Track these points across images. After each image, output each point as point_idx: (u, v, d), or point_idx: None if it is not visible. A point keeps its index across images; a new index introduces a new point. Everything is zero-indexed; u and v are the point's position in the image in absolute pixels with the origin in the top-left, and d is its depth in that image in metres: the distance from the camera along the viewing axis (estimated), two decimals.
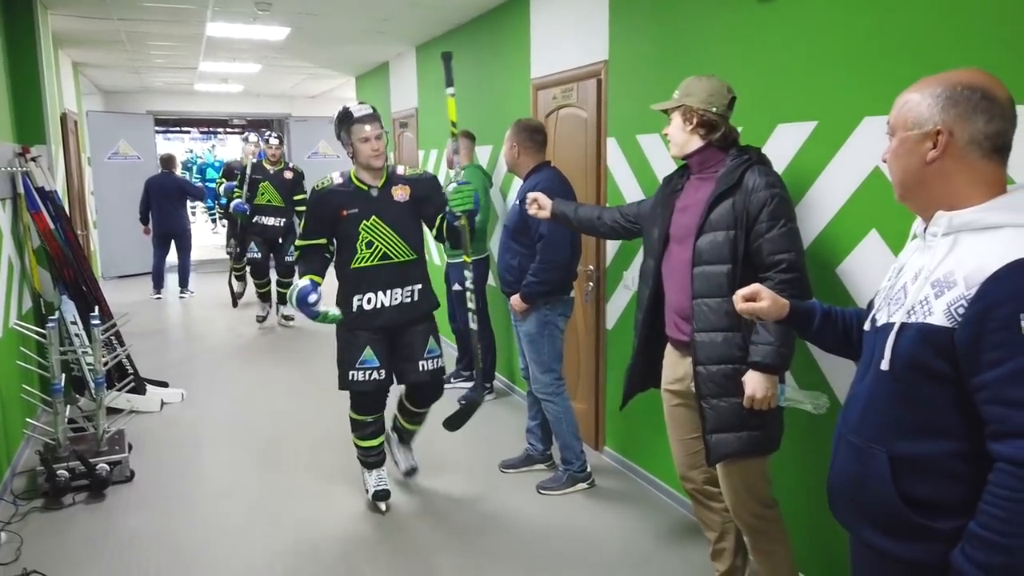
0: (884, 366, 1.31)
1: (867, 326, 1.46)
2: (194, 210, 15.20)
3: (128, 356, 4.77)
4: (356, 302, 3.21)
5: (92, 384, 4.04)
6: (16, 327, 3.92)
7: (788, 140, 2.61)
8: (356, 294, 3.21)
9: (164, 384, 5.11)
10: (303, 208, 6.77)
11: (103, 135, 9.73)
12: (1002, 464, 1.18)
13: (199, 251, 10.47)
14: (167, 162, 8.73)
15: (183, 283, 8.73)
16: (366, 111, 3.17)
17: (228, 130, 15.54)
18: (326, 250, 3.31)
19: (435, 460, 3.88)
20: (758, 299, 1.64)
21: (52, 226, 4.47)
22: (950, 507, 1.26)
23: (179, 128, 17.33)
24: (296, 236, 6.78)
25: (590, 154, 3.88)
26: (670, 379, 2.51)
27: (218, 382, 5.51)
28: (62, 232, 4.56)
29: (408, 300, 3.26)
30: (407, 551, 3.07)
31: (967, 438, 1.24)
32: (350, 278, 3.22)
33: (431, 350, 3.36)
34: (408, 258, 3.23)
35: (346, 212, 3.16)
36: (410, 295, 3.27)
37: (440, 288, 4.63)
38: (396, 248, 3.20)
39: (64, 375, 3.95)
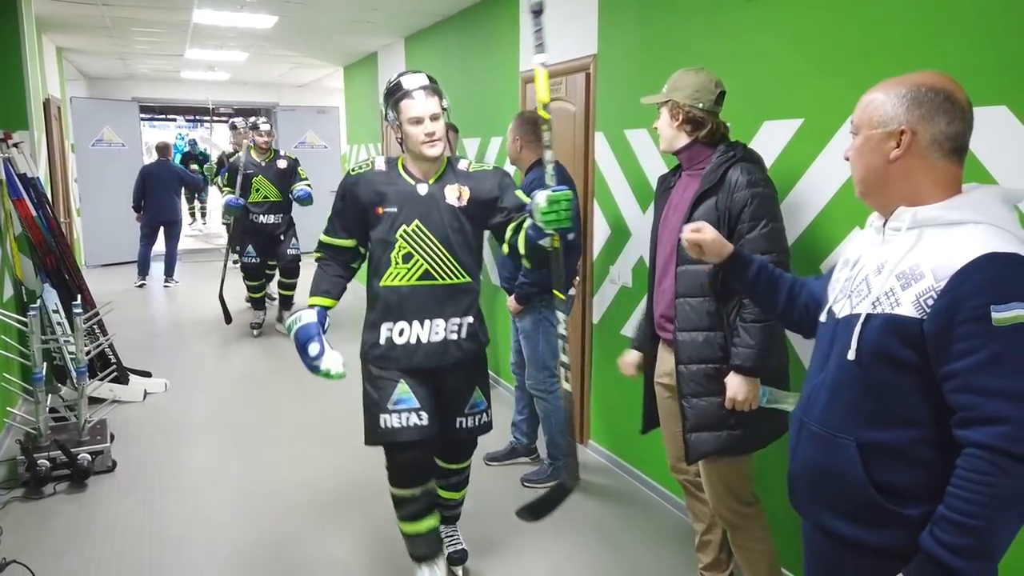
0: (851, 356, 1.34)
1: (823, 317, 1.49)
2: (202, 208, 14.44)
3: (111, 345, 4.73)
4: (386, 332, 2.48)
5: (74, 373, 4.02)
6: None
7: (775, 137, 2.63)
8: (386, 321, 2.48)
9: (147, 374, 5.08)
10: (306, 182, 6.30)
11: (87, 121, 9.64)
12: (973, 450, 1.20)
13: (183, 240, 10.40)
14: (163, 150, 8.69)
15: (169, 271, 8.71)
16: (419, 81, 2.42)
17: (215, 118, 15.39)
18: (354, 257, 2.57)
19: None
20: (703, 232, 1.74)
21: (34, 213, 4.42)
22: (917, 493, 1.29)
23: (164, 116, 17.18)
24: (295, 232, 6.58)
25: (578, 148, 3.88)
26: (661, 373, 2.53)
27: (202, 372, 5.48)
28: (44, 219, 4.51)
29: (453, 337, 2.50)
30: (390, 540, 3.08)
31: (933, 425, 1.28)
32: (380, 299, 2.49)
33: (476, 404, 2.65)
34: (457, 280, 2.47)
35: (382, 210, 2.44)
36: (456, 330, 2.50)
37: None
38: (442, 266, 2.45)
39: (46, 364, 3.92)
